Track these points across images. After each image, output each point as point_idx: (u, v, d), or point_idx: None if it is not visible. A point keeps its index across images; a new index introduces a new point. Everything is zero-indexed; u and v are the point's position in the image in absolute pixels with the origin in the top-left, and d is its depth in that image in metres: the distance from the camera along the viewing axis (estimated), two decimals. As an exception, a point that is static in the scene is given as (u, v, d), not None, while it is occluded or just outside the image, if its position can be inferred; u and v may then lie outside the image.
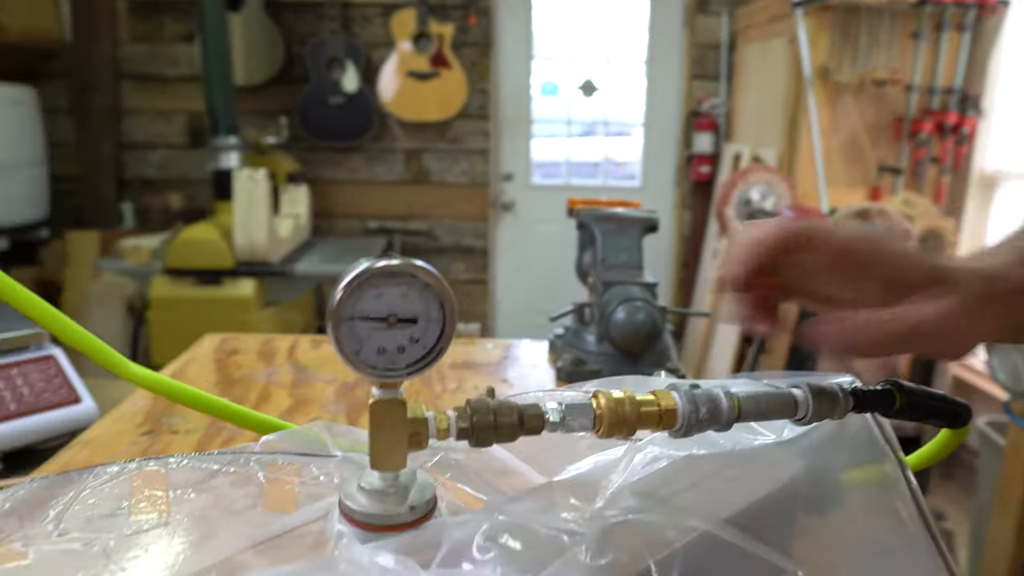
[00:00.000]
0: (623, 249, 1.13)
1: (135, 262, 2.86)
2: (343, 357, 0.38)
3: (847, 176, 2.92)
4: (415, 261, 0.37)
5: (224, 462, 0.49)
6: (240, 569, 0.39)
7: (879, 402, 0.52)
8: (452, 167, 3.82)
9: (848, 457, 0.55)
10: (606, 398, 0.45)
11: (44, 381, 0.94)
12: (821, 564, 0.49)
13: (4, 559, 0.39)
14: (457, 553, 0.39)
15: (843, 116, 2.88)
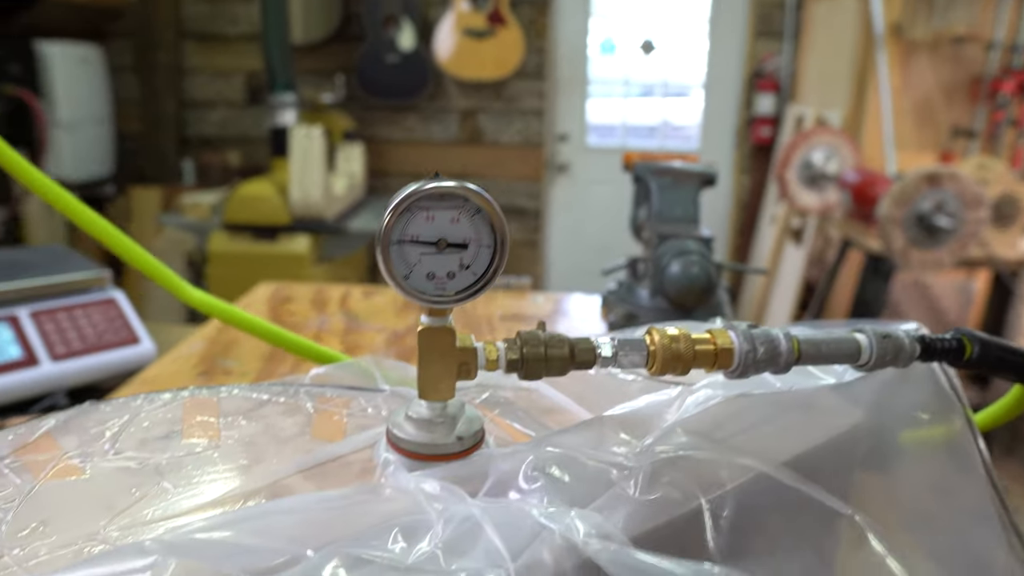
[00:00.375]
0: (679, 203, 1.10)
1: (195, 217, 2.92)
2: (392, 281, 0.37)
3: (917, 139, 2.80)
4: (467, 184, 0.36)
5: (274, 393, 0.49)
6: (287, 492, 0.39)
7: (948, 351, 0.50)
8: (507, 127, 3.79)
9: (912, 410, 0.52)
10: (660, 334, 0.43)
11: (106, 322, 0.96)
12: (877, 517, 0.48)
13: (64, 473, 0.40)
14: (504, 484, 0.39)
15: (915, 76, 2.75)
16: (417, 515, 0.35)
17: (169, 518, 0.36)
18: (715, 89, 3.82)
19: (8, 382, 0.84)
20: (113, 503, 0.37)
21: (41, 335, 0.90)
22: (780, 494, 0.43)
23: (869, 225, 2.33)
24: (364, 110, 3.70)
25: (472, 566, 0.33)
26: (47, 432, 0.44)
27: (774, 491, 0.43)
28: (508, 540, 0.34)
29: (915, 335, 0.50)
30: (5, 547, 0.34)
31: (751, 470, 0.42)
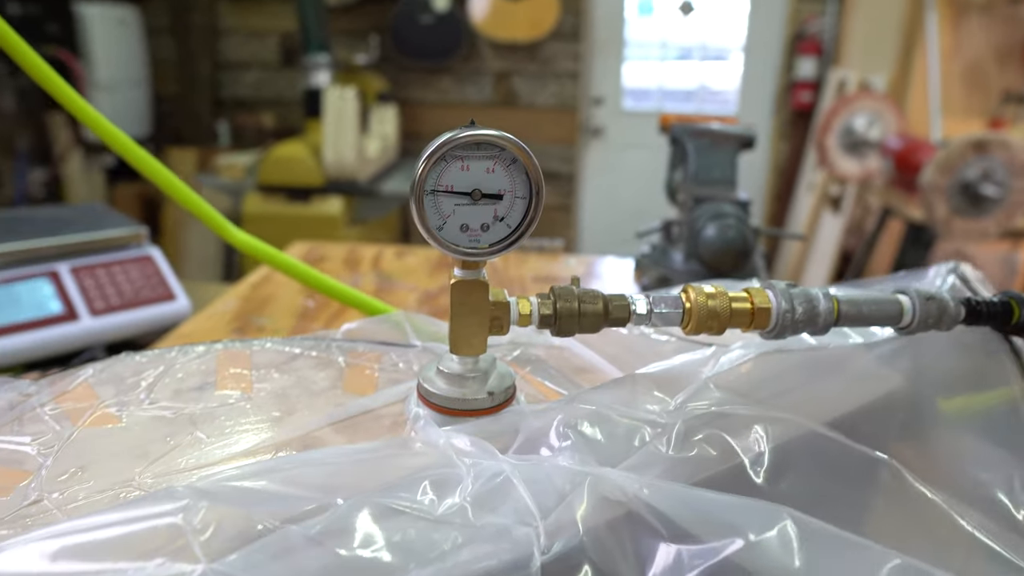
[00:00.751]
0: (716, 165, 1.08)
1: (230, 179, 2.95)
2: (425, 233, 0.36)
3: (965, 104, 2.71)
4: (503, 132, 0.35)
5: (306, 347, 0.50)
6: (318, 444, 0.39)
7: (994, 315, 0.48)
8: (541, 90, 3.74)
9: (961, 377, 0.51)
10: (696, 292, 0.42)
11: (143, 278, 0.97)
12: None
13: (101, 421, 0.41)
14: (534, 441, 0.38)
15: (966, 38, 2.65)
16: (447, 469, 0.35)
17: (202, 467, 0.36)
18: (755, 52, 3.73)
19: (49, 336, 0.86)
20: (148, 451, 0.38)
21: (80, 290, 0.91)
22: (817, 448, 0.42)
23: (911, 193, 2.28)
24: (398, 71, 3.68)
25: (501, 522, 0.33)
26: (85, 381, 0.44)
27: (811, 446, 0.42)
28: (538, 497, 0.33)
29: (960, 298, 0.48)
30: (45, 491, 0.34)
31: (787, 424, 0.41)
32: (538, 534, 0.32)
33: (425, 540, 0.31)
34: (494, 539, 0.32)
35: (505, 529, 0.32)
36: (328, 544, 0.29)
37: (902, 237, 2.49)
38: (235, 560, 0.27)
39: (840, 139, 2.72)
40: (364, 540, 0.30)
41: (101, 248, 0.97)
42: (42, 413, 0.41)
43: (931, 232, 2.28)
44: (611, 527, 0.34)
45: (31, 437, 0.39)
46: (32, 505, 0.33)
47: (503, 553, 0.31)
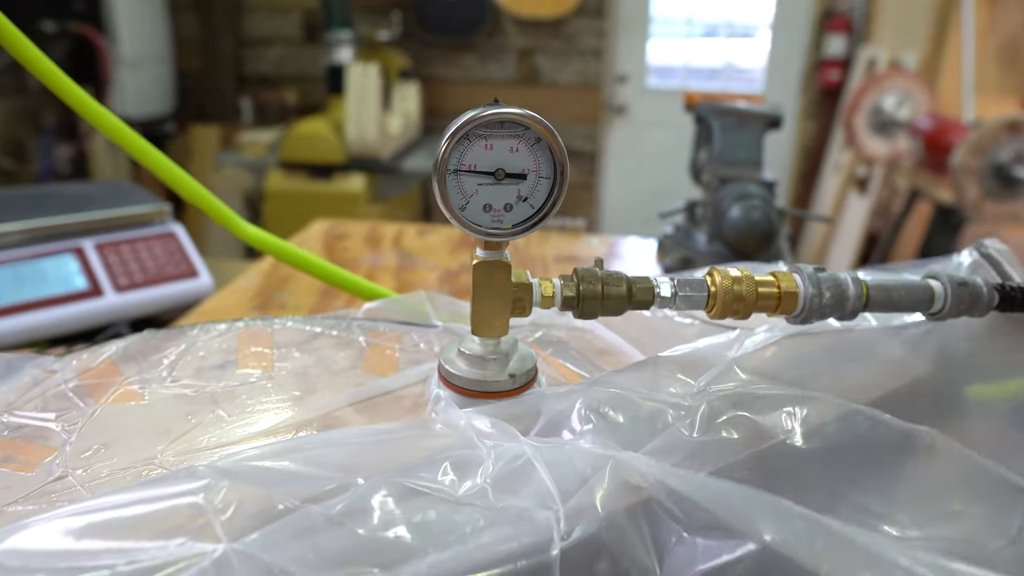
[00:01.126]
0: (742, 145, 1.06)
1: (252, 156, 2.95)
2: (447, 212, 0.36)
3: (1000, 84, 2.64)
4: (527, 111, 0.35)
5: (327, 326, 0.49)
6: (339, 424, 0.39)
7: (1031, 302, 0.47)
8: (564, 67, 3.71)
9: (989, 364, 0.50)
10: (722, 275, 0.41)
11: (166, 255, 0.98)
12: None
13: (124, 398, 0.41)
14: (556, 423, 0.38)
15: (1004, 14, 2.58)
16: (468, 450, 0.35)
17: (223, 445, 0.37)
18: (782, 29, 3.66)
19: (74, 311, 0.87)
20: (170, 429, 0.38)
21: (105, 266, 0.92)
22: (849, 425, 0.40)
23: (941, 175, 2.23)
24: (421, 48, 3.66)
25: (522, 504, 0.32)
26: (109, 358, 0.44)
27: (842, 425, 0.40)
28: (559, 481, 0.33)
29: (994, 283, 0.47)
30: (69, 467, 0.35)
31: (817, 402, 0.40)
32: (558, 518, 0.32)
33: (445, 522, 0.31)
34: (514, 522, 0.32)
35: (525, 512, 0.32)
36: (348, 524, 0.29)
37: (930, 220, 2.45)
38: (255, 539, 0.27)
39: (868, 119, 2.67)
40: (384, 520, 0.30)
41: (125, 225, 0.98)
42: (66, 389, 0.41)
43: (960, 215, 2.24)
44: (631, 513, 0.34)
45: (55, 413, 0.39)
46: (57, 481, 0.34)
47: (523, 536, 0.31)
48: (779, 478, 0.38)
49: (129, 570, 0.25)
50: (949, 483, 0.40)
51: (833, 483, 0.40)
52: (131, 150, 0.54)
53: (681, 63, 3.85)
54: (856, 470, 0.40)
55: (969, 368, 0.49)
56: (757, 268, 0.59)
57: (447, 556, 0.29)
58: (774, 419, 0.38)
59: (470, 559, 0.29)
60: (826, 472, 0.40)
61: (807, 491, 0.38)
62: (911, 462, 0.40)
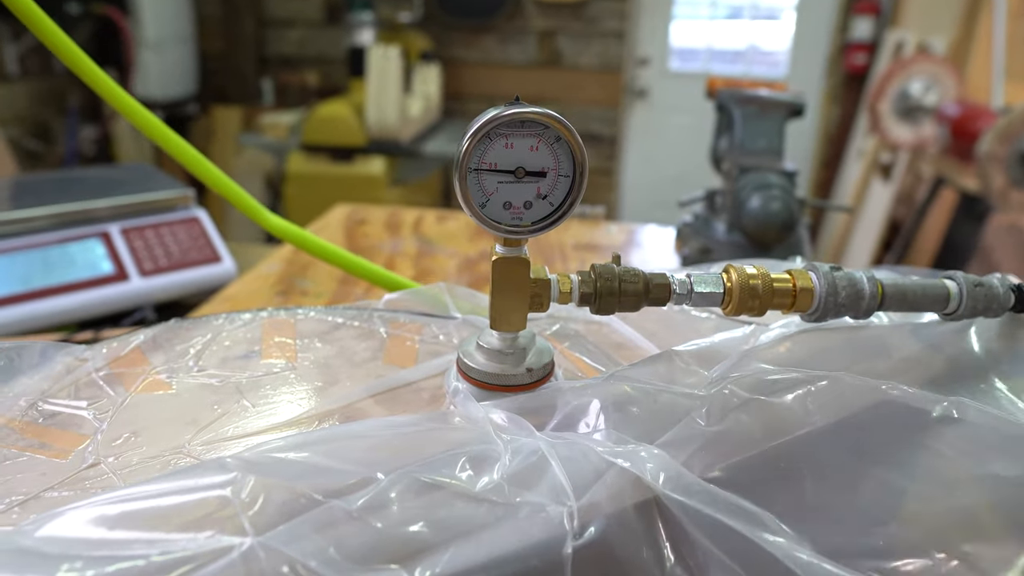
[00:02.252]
0: (763, 134, 1.05)
1: (273, 138, 2.97)
2: (468, 210, 0.37)
3: (1029, 69, 2.60)
4: (547, 110, 0.35)
5: (348, 316, 0.50)
6: (360, 415, 0.40)
7: (1048, 302, 0.47)
8: (585, 49, 3.68)
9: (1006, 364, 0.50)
10: (737, 272, 0.42)
11: (190, 240, 0.99)
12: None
13: (153, 387, 0.42)
14: (572, 417, 0.39)
15: (1034, -3, 2.53)
16: (485, 445, 0.35)
17: (248, 435, 0.38)
18: (808, 11, 3.61)
19: (101, 295, 0.88)
20: (197, 418, 0.39)
21: (131, 251, 0.93)
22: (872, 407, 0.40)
23: (967, 162, 2.20)
24: (441, 30, 3.65)
25: (536, 500, 0.33)
26: (137, 347, 0.46)
27: (866, 405, 0.40)
28: (573, 477, 0.34)
29: (1011, 284, 0.47)
30: (101, 455, 0.36)
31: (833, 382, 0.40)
32: (572, 514, 0.33)
33: (463, 517, 0.31)
34: (529, 517, 0.32)
35: (540, 507, 0.33)
36: (369, 519, 0.30)
37: (955, 208, 2.42)
38: (280, 533, 0.28)
39: (894, 104, 2.63)
40: (403, 516, 0.31)
41: (151, 210, 0.99)
42: (96, 378, 0.42)
43: (985, 203, 2.21)
44: (641, 510, 0.34)
45: (87, 401, 0.40)
46: (90, 468, 0.35)
47: (537, 533, 0.32)
48: (799, 460, 0.39)
49: (161, 560, 0.26)
50: (979, 446, 0.40)
51: (854, 460, 0.40)
52: (156, 138, 0.54)
53: (704, 45, 3.81)
54: (877, 445, 0.40)
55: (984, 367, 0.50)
56: (774, 266, 0.59)
57: (463, 551, 0.30)
58: (790, 401, 0.38)
59: (486, 554, 0.30)
60: (847, 449, 0.40)
61: (828, 471, 0.39)
62: (934, 431, 0.40)
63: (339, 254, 0.56)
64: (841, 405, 0.40)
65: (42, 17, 0.48)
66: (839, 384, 0.40)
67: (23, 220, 0.90)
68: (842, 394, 0.40)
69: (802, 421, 0.39)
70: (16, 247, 0.88)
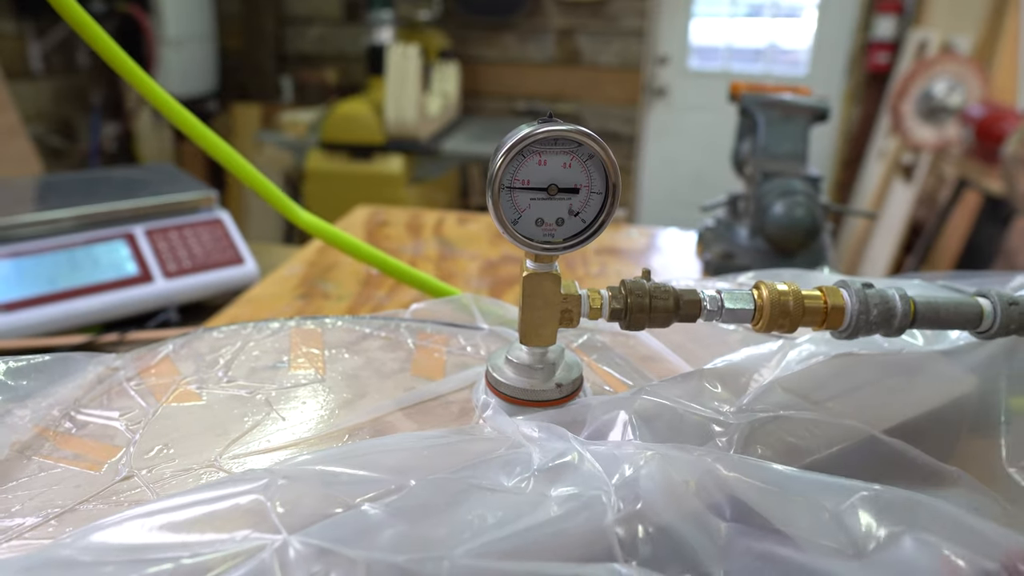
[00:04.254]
0: (787, 138, 1.05)
1: (293, 135, 2.98)
2: (500, 226, 0.36)
3: (1055, 70, 2.56)
4: (581, 127, 0.35)
5: (376, 326, 0.50)
6: (390, 429, 0.40)
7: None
8: (605, 48, 3.67)
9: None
10: (769, 289, 0.41)
11: (213, 241, 1.00)
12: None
13: (183, 398, 0.42)
14: (601, 431, 0.39)
15: (1061, -3, 2.50)
16: (516, 449, 0.35)
17: (278, 448, 0.38)
18: (830, 10, 3.58)
19: (126, 297, 0.89)
20: (227, 430, 0.39)
21: (155, 252, 0.94)
22: (882, 455, 0.41)
23: (991, 165, 2.18)
24: (460, 28, 3.65)
25: (571, 490, 0.33)
26: (167, 356, 0.46)
27: (876, 452, 0.41)
28: (608, 468, 0.34)
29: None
30: (135, 467, 0.36)
31: (850, 432, 0.40)
32: (609, 496, 0.32)
33: (498, 507, 0.31)
34: (566, 503, 0.32)
35: (577, 495, 0.33)
36: (403, 517, 0.30)
37: (978, 211, 2.39)
38: (314, 531, 0.28)
39: (917, 105, 2.61)
40: (438, 513, 0.31)
41: (174, 211, 1.00)
42: (128, 388, 0.43)
43: (1010, 207, 2.18)
44: (682, 486, 0.34)
45: (119, 412, 0.41)
46: (123, 481, 0.35)
47: (577, 517, 0.32)
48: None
49: (193, 563, 0.26)
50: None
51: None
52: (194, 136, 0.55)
53: (724, 44, 3.78)
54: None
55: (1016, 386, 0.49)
56: (803, 278, 0.59)
57: (501, 536, 0.30)
58: (808, 445, 0.39)
59: (525, 540, 0.30)
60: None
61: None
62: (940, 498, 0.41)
63: (370, 252, 0.56)
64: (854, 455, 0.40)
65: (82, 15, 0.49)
66: (854, 433, 0.40)
67: (49, 222, 0.91)
68: (856, 445, 0.40)
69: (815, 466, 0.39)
70: (42, 248, 0.88)
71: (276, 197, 0.55)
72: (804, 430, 0.41)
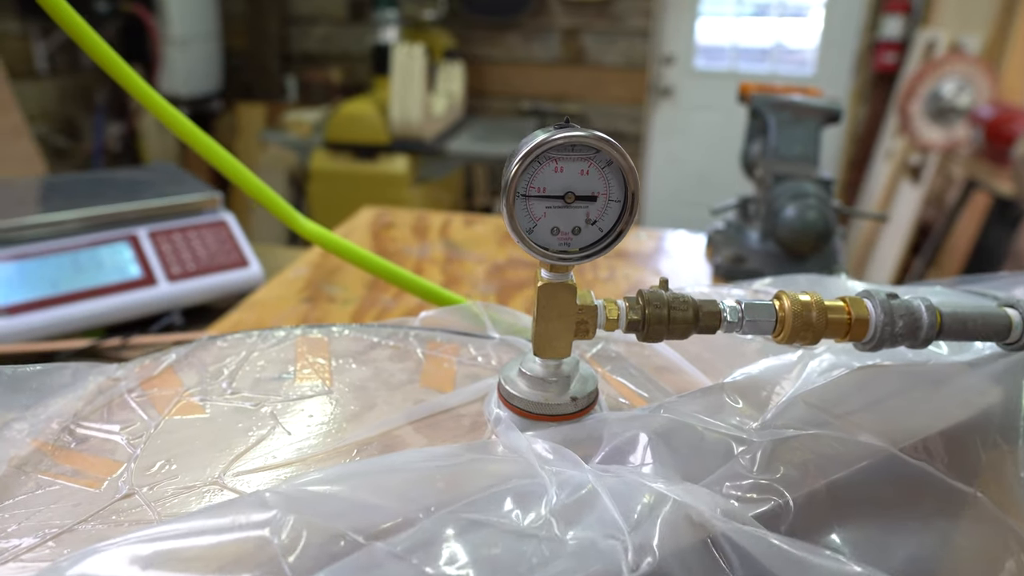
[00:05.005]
0: (798, 140, 1.03)
1: (297, 135, 2.97)
2: (515, 235, 0.35)
3: (1065, 70, 2.54)
4: (599, 133, 0.34)
5: (384, 335, 0.49)
6: (399, 444, 0.39)
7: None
8: (610, 47, 3.65)
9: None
10: (791, 300, 0.40)
11: (217, 244, 0.99)
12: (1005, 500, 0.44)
13: (186, 411, 0.41)
14: (619, 450, 0.37)
15: (1073, -3, 2.48)
16: (530, 479, 0.34)
17: (283, 465, 0.37)
18: (836, 9, 3.56)
19: (129, 300, 0.88)
20: (231, 444, 0.38)
21: (159, 255, 0.93)
22: (903, 474, 0.40)
23: (1001, 166, 2.16)
24: (465, 28, 3.64)
25: (587, 535, 0.32)
26: (169, 366, 0.45)
27: (897, 471, 0.40)
28: (625, 510, 0.32)
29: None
30: (135, 484, 0.35)
31: (874, 450, 0.39)
32: (626, 548, 0.31)
33: (511, 555, 0.30)
34: (581, 553, 0.31)
35: (592, 543, 0.32)
36: (414, 561, 0.29)
37: (987, 212, 2.37)
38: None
39: (925, 105, 2.59)
40: (449, 556, 0.29)
41: (178, 213, 0.99)
42: (129, 399, 0.41)
43: (1019, 208, 2.16)
44: (695, 549, 0.33)
45: (120, 425, 0.39)
46: (124, 499, 0.34)
47: (591, 566, 0.31)
48: (832, 524, 0.38)
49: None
50: (989, 551, 0.40)
51: (884, 535, 0.40)
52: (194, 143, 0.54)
53: (729, 43, 3.76)
54: (905, 523, 0.40)
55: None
56: (820, 283, 0.58)
57: None
58: (832, 464, 0.38)
59: None
60: (878, 521, 0.39)
61: (860, 540, 0.38)
62: (956, 521, 0.41)
63: (373, 260, 0.55)
64: (877, 475, 0.39)
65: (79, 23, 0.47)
66: (876, 452, 0.39)
67: (52, 224, 0.90)
68: (879, 464, 0.39)
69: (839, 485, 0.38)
70: (45, 251, 0.87)
71: (277, 204, 0.54)
72: (827, 447, 0.39)
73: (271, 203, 0.56)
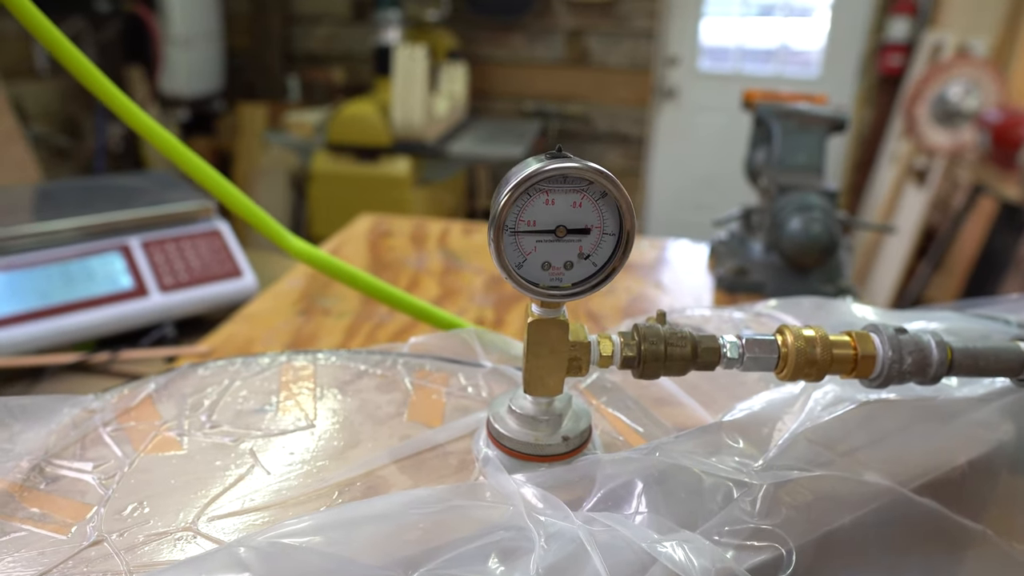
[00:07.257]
0: (803, 149, 1.02)
1: (299, 136, 2.95)
2: (502, 271, 0.33)
3: (1075, 74, 2.51)
4: (592, 164, 0.32)
5: (372, 363, 0.48)
6: (383, 485, 0.37)
7: None
8: (614, 48, 3.63)
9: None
10: (794, 335, 0.38)
11: (211, 254, 0.97)
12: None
13: (162, 447, 0.40)
14: (612, 495, 0.36)
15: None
16: (517, 530, 0.32)
17: (260, 509, 0.35)
18: (842, 10, 3.53)
19: (120, 312, 0.86)
20: (207, 485, 0.36)
21: (151, 265, 0.91)
22: (909, 513, 0.39)
23: (1008, 170, 2.13)
24: (468, 28, 3.62)
25: None
26: (148, 396, 0.43)
27: (903, 510, 0.39)
28: (615, 571, 0.31)
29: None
30: (104, 530, 0.33)
31: (879, 490, 0.38)
32: None
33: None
34: None
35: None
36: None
37: (994, 217, 2.35)
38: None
39: (932, 108, 2.56)
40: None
41: (171, 222, 0.97)
42: (103, 434, 0.40)
43: (1027, 213, 2.14)
44: None
45: (93, 463, 0.38)
46: (92, 547, 0.32)
47: None
48: (835, 568, 0.36)
49: None
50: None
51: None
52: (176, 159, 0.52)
53: (734, 44, 3.73)
54: (912, 565, 0.38)
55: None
56: (824, 306, 0.56)
57: None
58: (836, 506, 0.36)
59: None
60: (883, 563, 0.38)
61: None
62: (964, 561, 0.40)
63: (363, 279, 0.53)
64: (882, 517, 0.38)
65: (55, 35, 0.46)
66: (881, 493, 0.38)
67: (42, 234, 0.88)
68: (883, 506, 0.38)
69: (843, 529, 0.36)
70: (35, 261, 0.86)
71: (263, 222, 0.53)
72: (831, 488, 0.38)
73: (258, 220, 0.54)
